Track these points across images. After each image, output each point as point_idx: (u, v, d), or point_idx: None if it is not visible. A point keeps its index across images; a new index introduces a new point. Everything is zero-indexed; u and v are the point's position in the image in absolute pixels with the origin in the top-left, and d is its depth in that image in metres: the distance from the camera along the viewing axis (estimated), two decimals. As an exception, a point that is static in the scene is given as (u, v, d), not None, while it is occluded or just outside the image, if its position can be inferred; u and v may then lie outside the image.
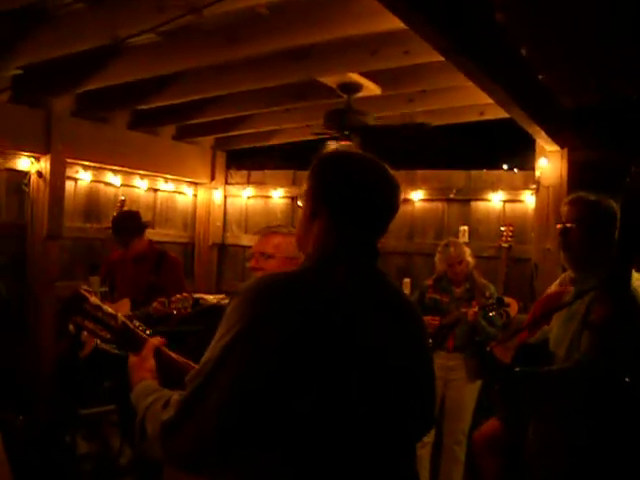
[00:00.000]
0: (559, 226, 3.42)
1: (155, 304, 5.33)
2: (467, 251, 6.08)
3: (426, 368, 2.08)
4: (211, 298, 6.19)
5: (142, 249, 6.02)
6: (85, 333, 5.24)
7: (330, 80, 5.94)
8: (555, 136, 6.23)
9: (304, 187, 2.06)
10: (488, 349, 3.69)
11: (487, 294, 5.90)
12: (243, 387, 1.67)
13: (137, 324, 2.35)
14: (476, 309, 5.69)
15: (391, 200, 2.01)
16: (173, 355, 2.30)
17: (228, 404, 1.67)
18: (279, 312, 1.71)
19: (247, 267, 3.35)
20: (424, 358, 2.08)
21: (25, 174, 6.80)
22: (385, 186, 2.00)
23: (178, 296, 5.25)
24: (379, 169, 2.01)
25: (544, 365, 3.28)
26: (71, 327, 4.96)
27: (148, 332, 2.34)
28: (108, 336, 2.30)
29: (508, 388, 3.44)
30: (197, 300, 5.54)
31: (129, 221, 6.12)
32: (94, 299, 2.30)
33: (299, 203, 2.11)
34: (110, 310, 2.31)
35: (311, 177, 2.03)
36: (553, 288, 5.84)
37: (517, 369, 3.25)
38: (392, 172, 2.04)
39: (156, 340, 2.28)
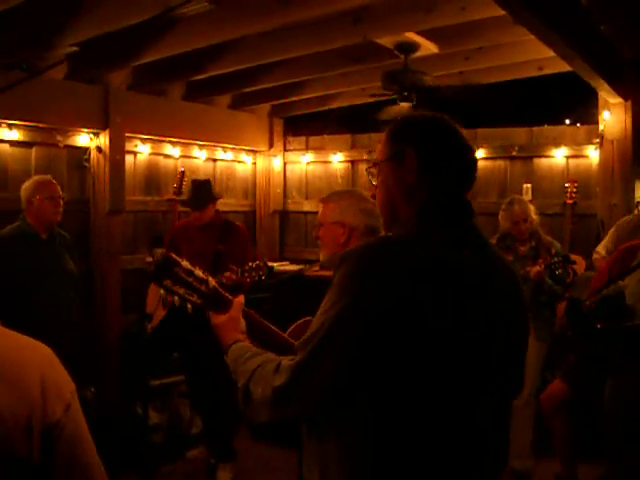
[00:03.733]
0: None
1: (228, 273, 5.25)
2: (532, 208, 5.93)
3: (523, 331, 2.09)
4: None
5: (210, 218, 6.01)
6: (166, 298, 5.31)
7: (386, 41, 5.87)
8: (618, 88, 6.09)
9: (385, 152, 2.02)
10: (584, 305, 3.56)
11: (553, 251, 5.77)
12: (354, 355, 1.72)
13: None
14: (539, 268, 5.55)
15: (475, 158, 2.05)
16: (258, 316, 2.35)
17: (340, 372, 1.72)
18: (389, 281, 1.73)
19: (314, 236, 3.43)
20: (522, 319, 2.07)
21: (85, 150, 6.87)
22: (470, 146, 2.02)
23: (251, 264, 5.21)
24: (459, 129, 2.02)
25: (623, 320, 3.21)
26: (162, 292, 4.98)
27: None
28: (199, 301, 2.32)
29: (591, 345, 3.38)
30: (271, 268, 5.47)
31: (206, 188, 6.12)
32: (186, 263, 2.32)
33: (371, 170, 2.09)
34: (201, 274, 2.33)
35: (404, 143, 1.97)
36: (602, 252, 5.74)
37: (599, 326, 3.18)
38: None
39: (241, 299, 2.32)
